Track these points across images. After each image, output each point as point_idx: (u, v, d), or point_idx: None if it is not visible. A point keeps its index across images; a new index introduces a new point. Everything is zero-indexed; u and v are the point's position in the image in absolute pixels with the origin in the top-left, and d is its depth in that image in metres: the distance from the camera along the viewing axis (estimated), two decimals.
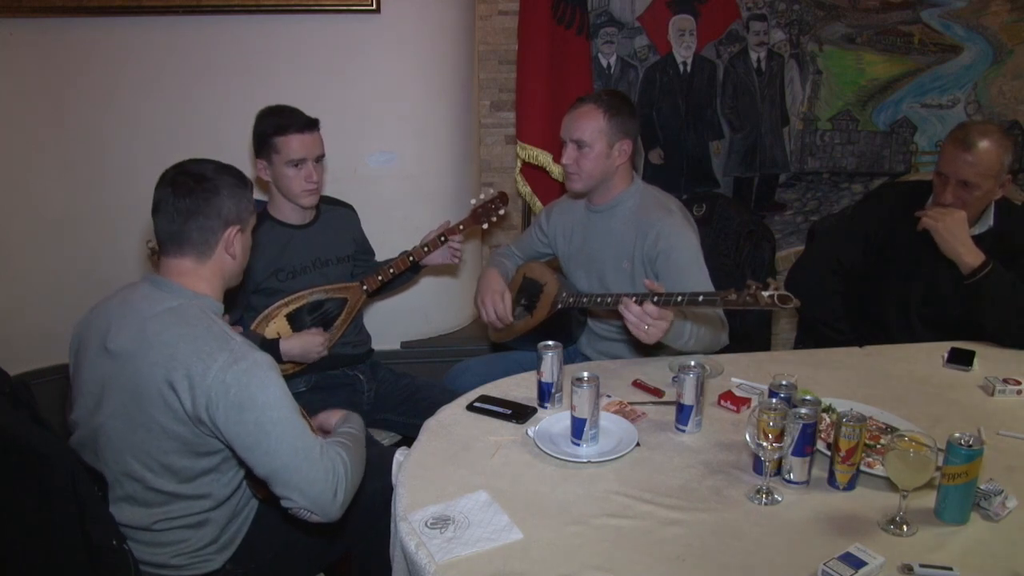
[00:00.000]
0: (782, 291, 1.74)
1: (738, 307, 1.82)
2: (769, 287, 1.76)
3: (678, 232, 2.21)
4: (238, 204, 1.66)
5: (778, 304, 1.73)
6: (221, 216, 1.63)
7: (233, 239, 1.66)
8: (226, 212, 1.64)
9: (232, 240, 1.66)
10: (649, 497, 1.56)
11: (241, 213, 1.67)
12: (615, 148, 2.26)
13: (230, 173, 1.67)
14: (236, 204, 1.65)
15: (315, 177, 2.35)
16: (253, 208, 1.73)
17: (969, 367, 2.14)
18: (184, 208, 1.61)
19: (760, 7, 3.60)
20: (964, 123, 2.30)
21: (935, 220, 2.26)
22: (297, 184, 2.33)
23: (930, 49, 3.72)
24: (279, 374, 1.57)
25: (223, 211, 1.63)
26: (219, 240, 1.65)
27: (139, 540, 1.63)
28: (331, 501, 1.55)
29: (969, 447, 1.45)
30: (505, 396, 1.98)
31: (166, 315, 1.58)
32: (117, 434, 1.59)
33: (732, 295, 1.81)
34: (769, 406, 1.52)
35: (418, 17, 3.06)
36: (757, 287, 1.76)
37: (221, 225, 1.64)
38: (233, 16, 2.95)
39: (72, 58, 2.95)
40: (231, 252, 1.67)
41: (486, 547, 1.41)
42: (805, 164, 3.83)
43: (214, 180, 1.63)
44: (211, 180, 1.62)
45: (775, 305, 1.73)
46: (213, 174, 1.64)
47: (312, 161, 2.33)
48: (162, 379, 1.52)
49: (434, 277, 3.32)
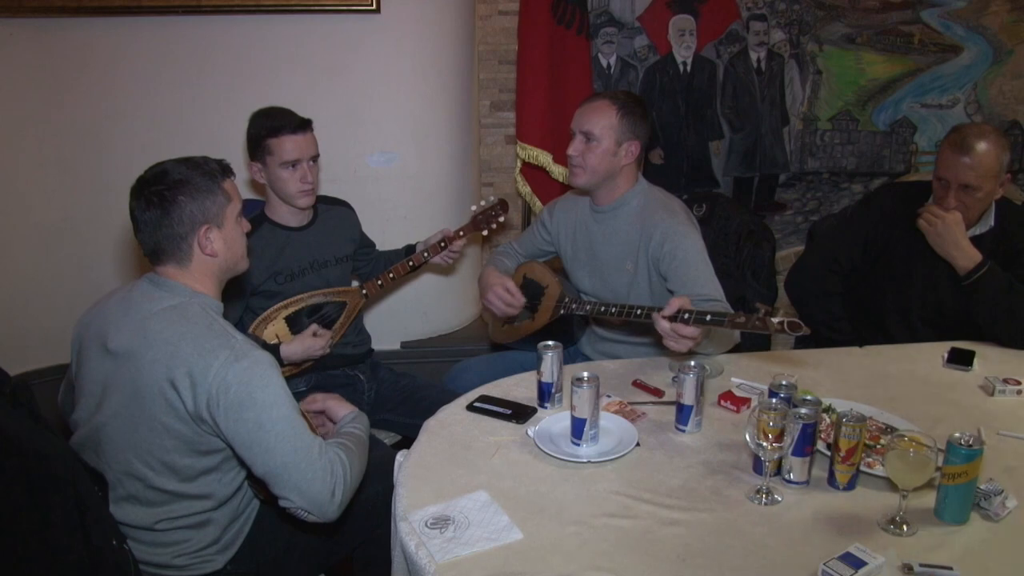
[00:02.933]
0: (792, 318, 1.70)
1: (746, 329, 1.79)
2: (778, 312, 1.73)
3: (683, 233, 2.21)
4: (203, 204, 1.60)
5: (788, 331, 1.69)
6: (184, 222, 1.59)
7: (206, 239, 1.62)
8: (189, 216, 1.59)
9: (205, 240, 1.62)
10: (649, 497, 1.56)
11: (208, 211, 1.61)
12: (623, 147, 2.26)
13: (191, 172, 1.61)
14: (200, 205, 1.60)
15: (310, 178, 2.34)
16: (228, 199, 1.65)
17: (969, 367, 2.14)
18: (149, 220, 1.59)
19: (760, 7, 3.60)
20: (959, 126, 2.30)
21: (929, 223, 2.28)
22: (293, 185, 2.32)
23: (930, 49, 3.72)
24: (280, 373, 1.57)
25: (185, 216, 1.59)
26: (191, 244, 1.62)
27: (141, 540, 1.63)
28: (328, 501, 1.55)
29: (969, 447, 1.45)
30: (505, 396, 1.98)
31: (166, 313, 1.58)
32: (118, 433, 1.59)
33: (741, 318, 1.79)
34: (769, 406, 1.52)
35: (418, 17, 3.06)
36: (767, 311, 1.73)
37: (188, 230, 1.60)
38: (233, 16, 2.95)
39: (72, 58, 2.95)
40: (209, 252, 1.63)
41: (486, 547, 1.41)
42: (805, 164, 3.83)
43: (172, 188, 1.58)
44: (169, 188, 1.58)
45: (784, 331, 1.70)
46: (170, 180, 1.59)
47: (307, 162, 2.32)
48: (163, 377, 1.52)
49: (434, 277, 3.32)
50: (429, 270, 3.09)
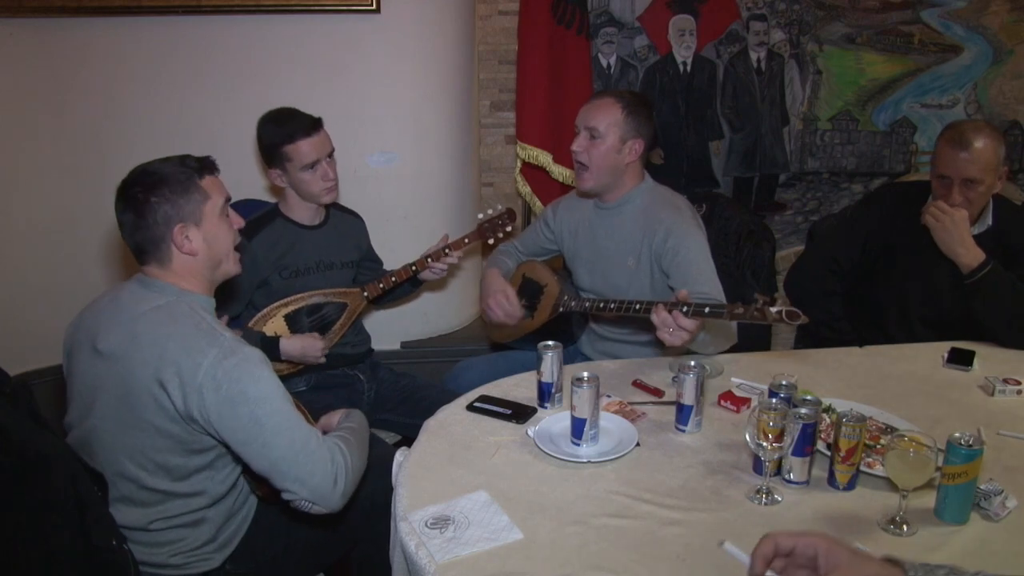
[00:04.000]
0: (790, 307, 1.71)
1: (744, 320, 1.80)
2: (776, 302, 1.73)
3: (687, 230, 2.21)
4: (176, 203, 1.58)
5: (786, 320, 1.70)
6: (160, 222, 1.58)
7: (183, 238, 1.60)
8: (163, 216, 1.58)
9: (182, 239, 1.60)
10: (649, 497, 1.56)
11: (182, 210, 1.59)
12: (627, 145, 2.26)
13: (167, 171, 1.60)
14: (173, 204, 1.58)
15: (331, 175, 2.37)
16: (206, 196, 1.63)
17: (969, 367, 2.14)
18: (126, 222, 1.60)
19: (760, 7, 3.60)
20: (953, 123, 2.30)
21: (936, 219, 2.26)
22: (316, 185, 2.35)
23: (930, 49, 3.72)
24: (271, 368, 1.56)
25: (159, 216, 1.58)
26: (169, 244, 1.61)
27: (137, 541, 1.63)
28: (331, 490, 1.55)
29: (969, 447, 1.44)
30: (505, 396, 1.98)
31: (154, 313, 1.57)
32: (110, 435, 1.59)
33: (739, 308, 1.79)
34: (769, 406, 1.52)
35: (418, 17, 3.06)
36: (765, 302, 1.74)
37: (165, 230, 1.59)
38: (233, 16, 2.95)
39: (72, 58, 2.95)
40: (187, 250, 1.62)
41: (486, 547, 1.41)
42: (805, 164, 3.83)
43: (146, 189, 1.57)
44: (143, 189, 1.57)
45: (783, 320, 1.70)
46: (145, 181, 1.58)
47: (325, 160, 2.35)
48: (152, 378, 1.52)
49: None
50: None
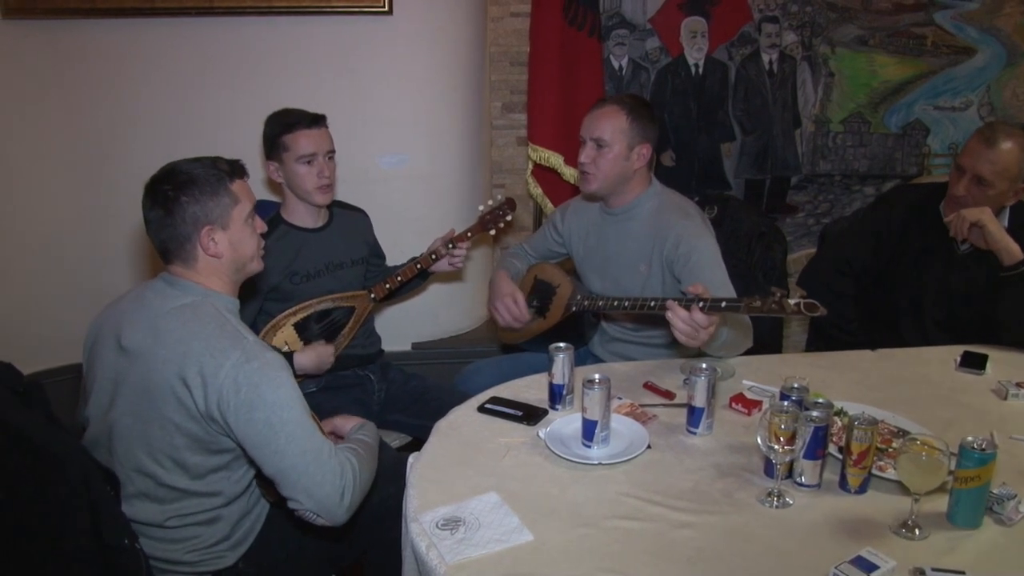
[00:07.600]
0: (809, 299, 1.71)
1: (762, 314, 1.79)
2: (794, 295, 1.74)
3: (698, 235, 2.21)
4: (206, 205, 1.59)
5: (804, 311, 1.70)
6: (188, 222, 1.59)
7: (210, 240, 1.61)
8: (191, 217, 1.58)
9: (209, 242, 1.61)
10: (660, 499, 1.56)
11: (211, 213, 1.60)
12: (634, 151, 2.25)
13: (198, 172, 1.60)
14: (203, 206, 1.59)
15: (327, 173, 2.35)
16: (235, 201, 1.64)
17: (982, 371, 2.13)
18: (154, 219, 1.60)
19: (772, 9, 3.60)
20: (993, 122, 2.30)
21: (980, 213, 2.20)
22: (310, 180, 2.33)
23: (943, 51, 3.70)
24: (291, 375, 1.57)
25: (187, 217, 1.58)
26: (195, 245, 1.61)
27: (152, 537, 1.64)
28: (337, 504, 1.55)
29: (982, 451, 1.44)
30: (516, 398, 1.97)
31: (179, 312, 1.58)
32: (129, 430, 1.60)
33: (756, 302, 1.78)
34: (781, 409, 1.51)
35: (430, 19, 3.07)
36: (782, 294, 1.73)
37: (192, 231, 1.60)
38: (245, 18, 2.96)
39: (85, 59, 2.97)
40: (213, 253, 1.62)
41: (496, 548, 1.41)
42: (817, 166, 3.82)
43: (176, 188, 1.58)
44: (174, 187, 1.58)
45: (801, 312, 1.70)
46: (176, 180, 1.59)
47: (323, 156, 2.33)
48: (175, 376, 1.53)
49: (444, 279, 3.32)
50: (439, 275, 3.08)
